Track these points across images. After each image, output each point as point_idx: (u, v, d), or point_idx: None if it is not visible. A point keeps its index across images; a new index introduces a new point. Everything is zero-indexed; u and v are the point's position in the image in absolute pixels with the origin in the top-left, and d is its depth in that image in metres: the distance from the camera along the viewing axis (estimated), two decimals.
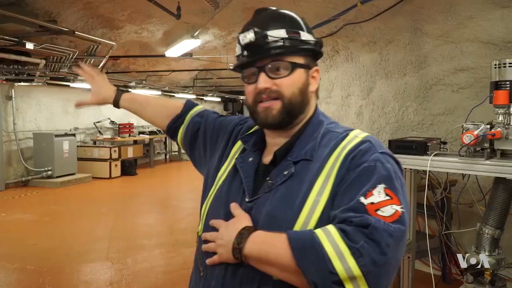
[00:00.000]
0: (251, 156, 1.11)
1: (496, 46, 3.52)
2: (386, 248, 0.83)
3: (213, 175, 1.18)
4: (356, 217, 0.86)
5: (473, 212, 3.56)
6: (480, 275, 2.57)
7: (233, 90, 16.26)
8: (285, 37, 1.00)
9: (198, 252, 1.13)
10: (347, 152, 0.97)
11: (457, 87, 3.87)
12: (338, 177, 0.95)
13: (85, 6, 5.65)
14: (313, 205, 0.94)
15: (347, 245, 0.83)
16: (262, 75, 1.01)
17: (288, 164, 1.01)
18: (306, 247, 0.85)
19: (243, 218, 0.99)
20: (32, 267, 4.25)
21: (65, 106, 10.22)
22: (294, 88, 1.02)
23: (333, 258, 0.82)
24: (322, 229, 0.87)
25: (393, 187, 0.91)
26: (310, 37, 1.05)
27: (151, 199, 8.09)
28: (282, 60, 1.01)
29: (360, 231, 0.84)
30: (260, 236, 0.93)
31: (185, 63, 10.02)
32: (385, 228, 0.84)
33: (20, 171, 8.92)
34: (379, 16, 4.20)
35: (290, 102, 1.01)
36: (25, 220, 6.23)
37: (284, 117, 1.02)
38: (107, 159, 10.02)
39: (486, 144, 2.51)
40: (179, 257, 4.56)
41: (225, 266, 0.99)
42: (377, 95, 4.73)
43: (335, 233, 0.85)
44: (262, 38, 0.99)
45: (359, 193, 0.89)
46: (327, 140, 1.03)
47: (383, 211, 0.86)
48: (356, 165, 0.94)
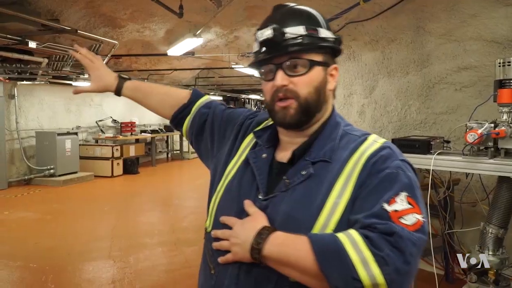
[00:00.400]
0: (264, 152, 1.08)
1: (500, 45, 3.50)
2: (410, 257, 0.83)
3: (221, 169, 1.15)
4: (380, 224, 0.85)
5: (476, 211, 3.55)
6: (484, 275, 2.56)
7: (234, 89, 16.28)
8: (303, 34, 0.99)
9: (206, 248, 1.11)
10: (368, 157, 0.97)
11: (460, 86, 3.86)
12: (359, 181, 0.94)
13: (87, 5, 5.65)
14: (332, 207, 0.93)
15: (371, 252, 0.82)
16: (280, 72, 1.00)
17: (306, 164, 1.00)
18: (329, 251, 0.84)
19: (260, 217, 0.97)
20: (35, 265, 4.25)
21: (67, 104, 10.24)
22: (311, 87, 1.00)
23: (357, 264, 0.81)
24: (344, 234, 0.86)
25: (415, 196, 0.91)
26: (329, 34, 1.03)
27: (153, 197, 8.10)
28: (300, 57, 0.99)
29: (385, 238, 0.83)
30: (280, 237, 0.91)
31: (187, 61, 10.02)
32: (409, 237, 0.84)
33: (22, 170, 8.94)
34: (381, 14, 4.19)
35: (306, 101, 1.00)
36: (27, 218, 6.24)
37: (302, 117, 1.01)
38: (109, 157, 10.03)
39: (490, 143, 2.50)
40: (181, 256, 4.56)
41: (239, 265, 0.97)
42: (379, 94, 4.72)
43: (359, 239, 0.84)
44: (280, 35, 0.98)
45: (381, 199, 0.89)
46: (345, 143, 1.02)
47: (405, 219, 0.86)
48: (378, 170, 0.94)
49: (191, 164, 12.81)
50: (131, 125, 11.88)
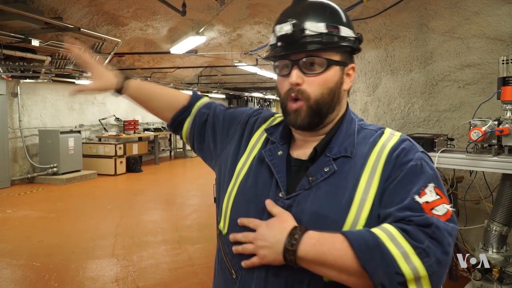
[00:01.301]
0: (280, 150, 1.05)
1: (503, 42, 3.49)
2: (448, 247, 0.84)
3: (230, 169, 1.11)
4: (416, 216, 0.85)
5: (480, 208, 3.54)
6: (488, 272, 2.56)
7: (237, 87, 16.27)
8: (323, 32, 0.95)
9: (222, 252, 1.06)
10: (390, 149, 0.96)
11: (463, 83, 3.84)
12: (384, 174, 0.93)
13: (90, 3, 5.66)
14: (361, 203, 0.91)
15: (411, 245, 0.82)
16: (295, 70, 0.97)
17: (328, 161, 0.98)
18: (369, 247, 0.83)
19: (287, 217, 0.93)
20: (38, 264, 4.27)
21: (70, 103, 10.27)
22: (324, 88, 0.98)
23: (398, 258, 0.81)
24: (380, 229, 0.85)
25: (441, 187, 0.92)
26: (350, 33, 1.00)
27: (156, 196, 8.12)
28: (318, 56, 0.96)
29: (422, 230, 0.83)
30: (314, 237, 0.88)
31: (190, 60, 10.02)
32: (445, 227, 0.84)
33: (25, 168, 8.97)
34: (384, 12, 4.17)
35: (316, 103, 0.97)
36: (30, 217, 6.27)
37: (313, 119, 0.99)
38: (112, 156, 10.06)
39: (493, 141, 2.49)
40: (185, 254, 4.57)
41: (266, 268, 0.94)
42: (382, 92, 4.71)
43: (396, 233, 0.83)
44: (299, 32, 0.94)
45: (411, 192, 0.88)
46: (362, 137, 1.01)
47: (437, 210, 0.87)
48: (402, 163, 0.93)
49: (194, 163, 12.82)
50: (134, 123, 11.90)
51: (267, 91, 18.95)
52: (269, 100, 24.42)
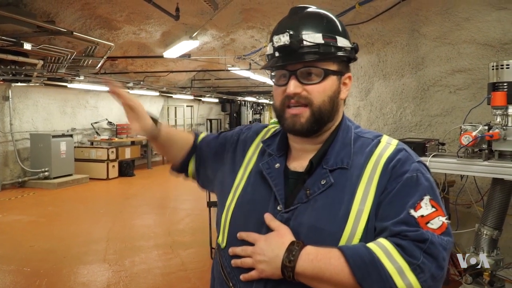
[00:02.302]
0: (277, 162, 1.05)
1: (493, 48, 3.54)
2: (443, 262, 0.85)
3: (228, 184, 1.11)
4: (411, 231, 0.86)
5: (471, 213, 3.57)
6: (478, 276, 2.58)
7: (231, 91, 16.29)
8: (320, 42, 0.96)
9: (221, 265, 1.06)
10: (386, 161, 0.96)
11: (454, 88, 3.88)
12: (380, 186, 0.93)
13: (83, 7, 5.65)
14: (357, 216, 0.92)
15: (406, 261, 0.83)
16: (293, 80, 0.97)
17: (325, 173, 0.98)
18: (364, 263, 0.84)
19: (285, 232, 0.94)
20: (29, 269, 4.23)
21: (62, 106, 10.21)
22: (325, 96, 0.98)
23: (394, 275, 0.82)
24: (376, 244, 0.86)
25: (437, 198, 0.92)
26: (346, 43, 1.01)
27: (149, 200, 8.08)
28: (315, 66, 0.97)
29: (417, 246, 0.84)
30: (312, 253, 0.89)
31: (183, 64, 10.02)
32: (440, 242, 0.86)
33: (16, 172, 8.89)
34: (377, 17, 4.21)
35: (319, 110, 0.98)
36: (21, 221, 6.21)
37: (313, 126, 0.99)
38: (105, 160, 10.00)
39: (484, 145, 2.52)
40: (177, 259, 4.55)
41: (265, 282, 0.94)
42: (375, 96, 4.74)
43: (391, 248, 0.84)
44: (297, 42, 0.95)
45: (407, 205, 0.89)
46: (359, 147, 1.01)
47: (432, 224, 0.87)
48: (398, 174, 0.93)
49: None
50: (127, 127, 11.84)
51: (260, 95, 18.99)
52: (263, 104, 24.45)
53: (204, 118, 18.47)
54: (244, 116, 20.74)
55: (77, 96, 10.61)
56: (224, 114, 19.87)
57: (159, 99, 14.35)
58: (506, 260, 2.84)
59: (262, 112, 25.15)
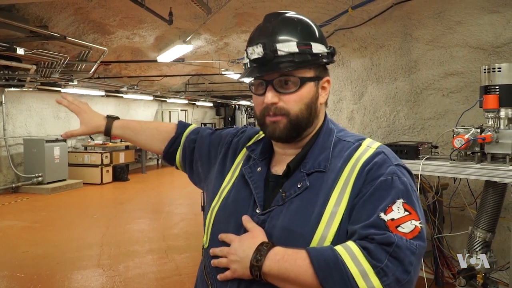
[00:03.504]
0: (259, 166, 1.08)
1: (485, 51, 3.57)
2: (409, 266, 0.84)
3: (215, 186, 1.14)
4: (378, 234, 0.85)
5: (464, 215, 3.58)
6: (472, 278, 2.59)
7: (225, 95, 16.29)
8: (295, 51, 0.95)
9: (204, 265, 1.10)
10: (362, 164, 0.96)
11: (447, 92, 3.91)
12: (355, 189, 0.93)
13: (77, 12, 5.63)
14: (330, 218, 0.92)
15: (370, 264, 0.83)
16: (270, 90, 0.98)
17: (302, 176, 0.99)
18: (329, 266, 0.84)
19: (258, 233, 0.96)
20: (22, 275, 4.19)
21: (56, 111, 10.15)
22: (301, 104, 0.99)
23: (357, 277, 0.82)
24: (343, 247, 0.86)
25: (411, 202, 0.91)
26: (322, 48, 1.00)
27: (143, 204, 8.04)
28: (291, 75, 0.97)
29: (383, 249, 0.84)
30: (279, 253, 0.90)
31: (177, 68, 10.01)
32: (408, 246, 0.85)
33: (10, 178, 8.82)
34: (369, 21, 4.24)
35: (296, 118, 0.99)
36: (15, 227, 6.16)
37: (291, 133, 1.00)
38: (99, 164, 9.95)
39: (476, 148, 2.54)
40: (172, 263, 4.53)
41: (238, 282, 0.96)
42: (368, 100, 4.76)
43: (357, 251, 0.84)
44: (271, 53, 0.95)
45: (378, 208, 0.89)
46: (339, 150, 1.01)
47: (403, 227, 0.87)
48: (373, 178, 0.93)
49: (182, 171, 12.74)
50: None
51: None
52: None
53: (199, 122, 18.45)
54: (238, 120, 20.74)
55: None
56: (218, 118, 19.86)
57: (153, 103, 14.32)
58: (500, 262, 2.86)
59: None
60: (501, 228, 3.24)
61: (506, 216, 3.21)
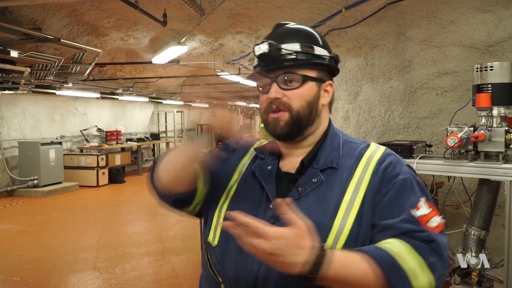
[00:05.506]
0: (269, 165, 1.11)
1: (478, 50, 3.58)
2: (447, 262, 0.94)
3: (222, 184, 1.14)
4: (418, 231, 0.92)
5: (459, 213, 3.59)
6: (467, 276, 2.60)
7: (221, 96, 16.27)
8: (298, 50, 1.04)
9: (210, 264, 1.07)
10: (377, 162, 1.03)
11: (441, 90, 3.92)
12: (371, 184, 0.99)
13: (70, 14, 5.62)
14: (347, 210, 0.97)
15: (425, 261, 0.88)
16: (274, 86, 1.04)
17: (315, 172, 1.04)
18: (391, 265, 0.87)
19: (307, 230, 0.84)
20: (18, 279, 4.17)
21: (51, 114, 10.12)
22: (303, 100, 1.05)
23: (413, 274, 0.87)
24: (391, 245, 0.90)
25: (430, 200, 1.00)
26: (324, 52, 1.08)
27: (140, 207, 8.02)
28: (294, 72, 1.04)
29: (429, 246, 0.90)
30: (337, 256, 0.85)
31: (172, 69, 10.00)
32: (443, 241, 0.93)
33: (5, 181, 8.78)
34: (363, 21, 4.24)
35: (298, 114, 1.04)
36: (10, 230, 6.13)
37: (292, 129, 1.05)
38: (94, 167, 9.92)
39: (470, 146, 2.55)
40: (168, 265, 4.52)
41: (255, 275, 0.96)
42: (363, 99, 4.77)
43: (408, 248, 0.89)
44: (275, 50, 1.02)
45: (407, 205, 0.96)
46: (347, 150, 1.08)
47: (431, 223, 0.94)
48: (391, 176, 1.00)
49: None
50: (117, 133, 11.79)
51: (251, 99, 19.00)
52: (253, 108, 24.47)
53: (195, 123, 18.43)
54: None
55: (66, 103, 10.54)
56: None
57: (149, 105, 14.29)
58: (494, 259, 2.87)
59: (253, 116, 25.16)
60: (496, 226, 3.25)
61: (500, 214, 3.22)
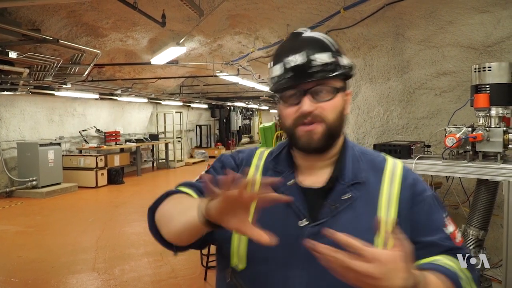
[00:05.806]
0: (289, 179, 1.05)
1: (476, 50, 3.59)
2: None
3: None
4: (457, 248, 1.00)
5: (458, 213, 3.60)
6: None
7: (220, 96, 16.27)
8: (329, 61, 1.00)
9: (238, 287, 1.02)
10: (401, 177, 1.05)
11: (440, 91, 3.93)
12: (403, 199, 1.02)
13: (69, 15, 5.62)
14: (385, 226, 0.97)
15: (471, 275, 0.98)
16: (307, 98, 0.99)
17: (344, 188, 1.02)
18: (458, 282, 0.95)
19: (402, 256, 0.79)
20: (17, 280, 4.17)
21: (49, 115, 10.11)
22: (336, 112, 1.02)
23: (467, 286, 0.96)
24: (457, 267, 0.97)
25: (448, 215, 1.06)
26: (347, 61, 1.06)
27: (139, 207, 8.01)
28: (326, 84, 1.00)
29: (468, 260, 0.99)
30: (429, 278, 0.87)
31: (171, 70, 10.01)
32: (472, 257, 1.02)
33: (3, 182, 8.77)
34: (362, 22, 4.25)
35: (333, 125, 1.01)
36: (9, 231, 6.12)
37: (328, 141, 1.02)
38: (93, 168, 9.92)
39: (468, 147, 2.55)
40: (167, 266, 4.52)
41: None
42: (362, 100, 4.77)
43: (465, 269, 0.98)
44: (310, 62, 0.99)
45: (439, 222, 1.02)
46: (366, 163, 1.08)
47: (458, 238, 1.02)
48: (419, 192, 1.04)
49: (177, 173, 12.73)
50: (116, 134, 11.78)
51: (250, 100, 19.01)
52: (252, 109, 24.46)
53: (194, 124, 18.42)
54: (233, 121, 20.71)
55: (65, 104, 10.53)
56: (213, 119, 19.83)
57: (148, 105, 14.29)
58: (493, 259, 2.88)
59: (251, 117, 25.16)
60: (494, 226, 3.26)
61: (499, 214, 3.23)
